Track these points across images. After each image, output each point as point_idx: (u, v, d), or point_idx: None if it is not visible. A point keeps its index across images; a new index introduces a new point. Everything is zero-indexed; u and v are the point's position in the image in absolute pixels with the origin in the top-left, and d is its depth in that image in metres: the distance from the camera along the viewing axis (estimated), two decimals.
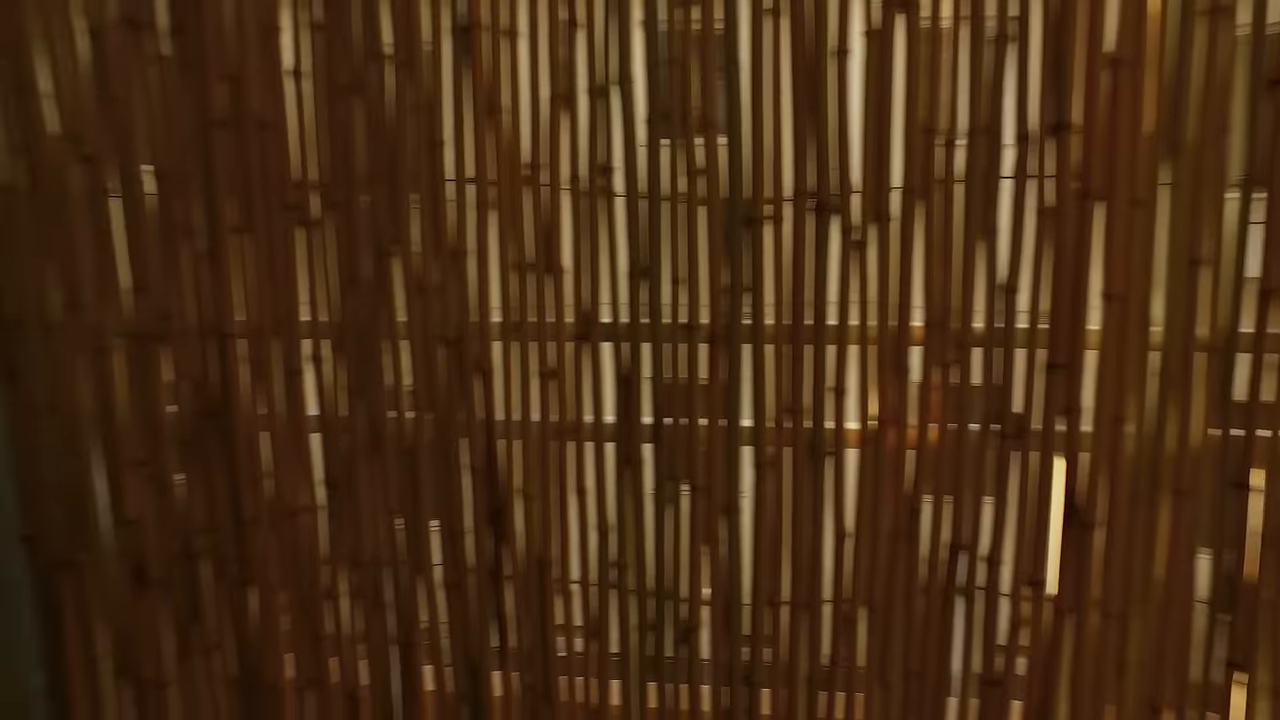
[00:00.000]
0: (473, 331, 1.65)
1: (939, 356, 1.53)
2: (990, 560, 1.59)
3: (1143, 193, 1.43)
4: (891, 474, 1.59)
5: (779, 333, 1.57)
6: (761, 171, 1.53)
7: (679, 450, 1.65)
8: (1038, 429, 1.53)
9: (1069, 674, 1.59)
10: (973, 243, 1.49)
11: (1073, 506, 1.55)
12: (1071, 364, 1.49)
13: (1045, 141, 1.45)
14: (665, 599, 1.70)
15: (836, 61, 1.48)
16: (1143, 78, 1.40)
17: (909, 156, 1.48)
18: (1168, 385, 1.48)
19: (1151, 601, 1.56)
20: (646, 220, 1.58)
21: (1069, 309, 1.48)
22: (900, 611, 1.63)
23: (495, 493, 1.71)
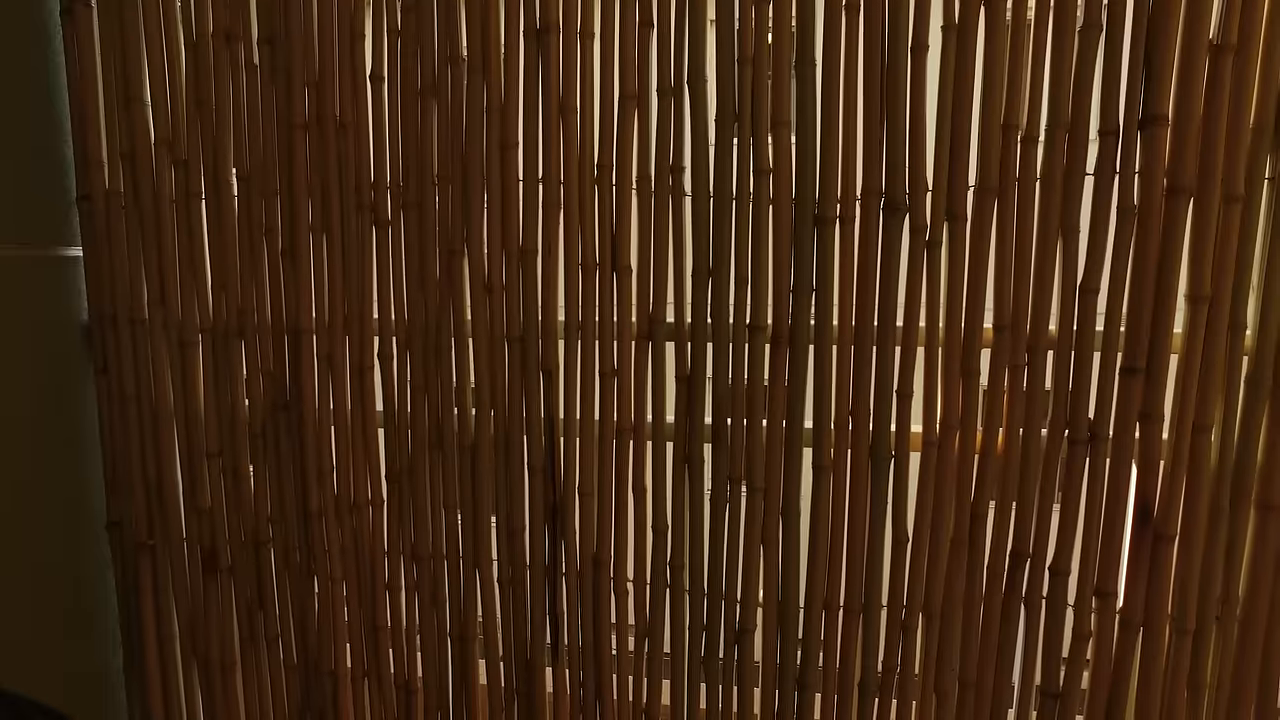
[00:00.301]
0: (538, 330, 1.28)
1: (1009, 360, 1.15)
2: (1055, 570, 1.18)
3: (1240, 189, 1.05)
4: (955, 479, 1.19)
5: (844, 334, 1.19)
6: (833, 171, 1.16)
7: (739, 452, 1.26)
8: (1113, 435, 1.14)
9: (1136, 692, 1.18)
10: (1050, 242, 1.11)
11: (1146, 517, 1.15)
12: (1151, 368, 1.10)
13: (1133, 136, 1.07)
14: (719, 600, 1.31)
15: (913, 58, 1.11)
16: (1247, 66, 1.03)
17: (985, 153, 1.11)
18: (1259, 392, 1.09)
19: (1231, 619, 1.15)
20: (713, 220, 1.21)
21: (1150, 311, 1.09)
22: (959, 620, 1.22)
23: (554, 491, 1.32)
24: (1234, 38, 1.04)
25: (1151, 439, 1.13)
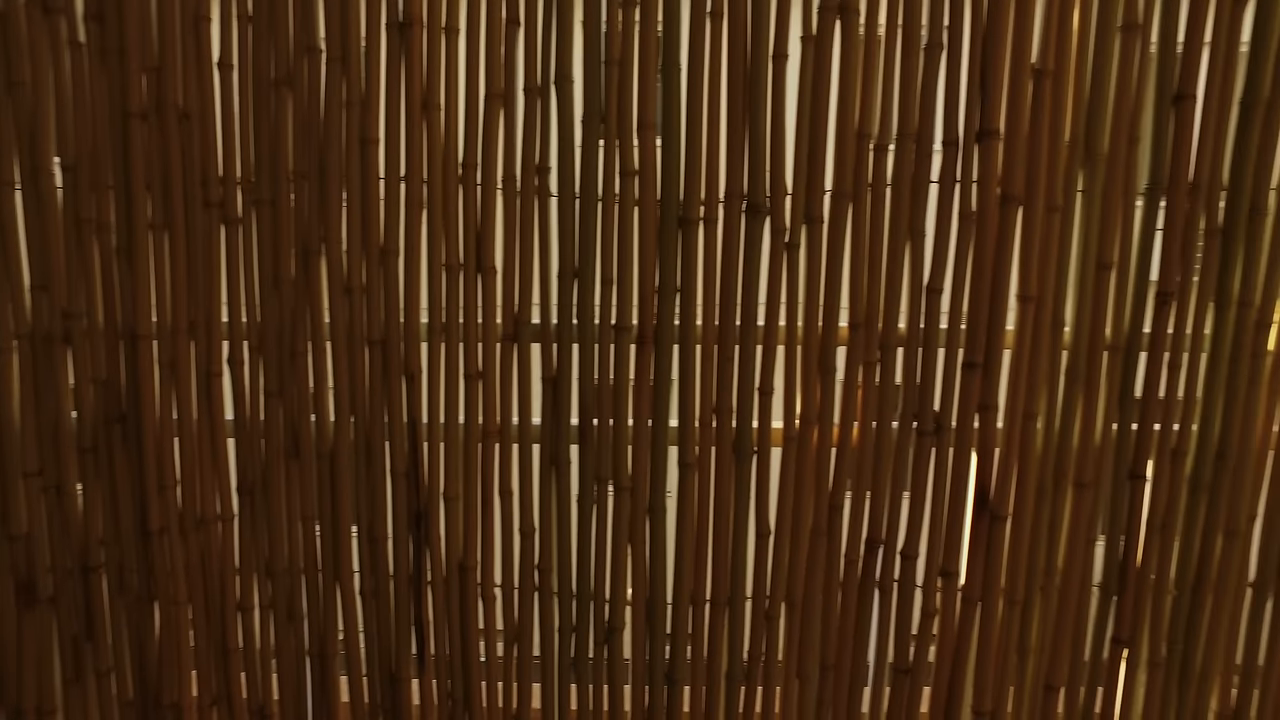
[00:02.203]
0: (400, 333, 1.14)
1: (863, 356, 1.12)
2: (905, 554, 1.16)
3: (1059, 199, 1.07)
4: (814, 472, 1.15)
5: (708, 333, 1.13)
6: (697, 173, 1.09)
7: (605, 451, 1.17)
8: (954, 426, 1.13)
9: (975, 659, 1.18)
10: (899, 245, 1.09)
11: (984, 500, 1.14)
12: (988, 363, 1.10)
13: (971, 148, 1.06)
14: (588, 601, 1.21)
15: (774, 66, 1.07)
16: (1063, 89, 1.04)
17: (841, 160, 1.08)
18: (1075, 383, 1.11)
19: (1052, 588, 1.16)
20: (579, 221, 1.12)
21: (988, 310, 1.09)
22: (819, 606, 1.18)
23: (418, 497, 1.19)
24: (1051, 63, 1.05)
25: (989, 428, 1.12)
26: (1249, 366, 1.11)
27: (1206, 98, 1.08)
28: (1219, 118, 1.07)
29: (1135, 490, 1.14)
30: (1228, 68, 1.07)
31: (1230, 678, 1.21)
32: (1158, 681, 1.20)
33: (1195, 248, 1.09)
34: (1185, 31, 1.06)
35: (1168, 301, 1.09)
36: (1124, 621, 1.18)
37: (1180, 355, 1.10)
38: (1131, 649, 1.19)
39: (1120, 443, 1.13)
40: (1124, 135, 1.06)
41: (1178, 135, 1.07)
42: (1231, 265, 1.09)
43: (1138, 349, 1.10)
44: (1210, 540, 1.15)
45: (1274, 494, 1.16)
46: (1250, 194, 1.08)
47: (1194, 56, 1.07)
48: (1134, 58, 1.06)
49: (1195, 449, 1.13)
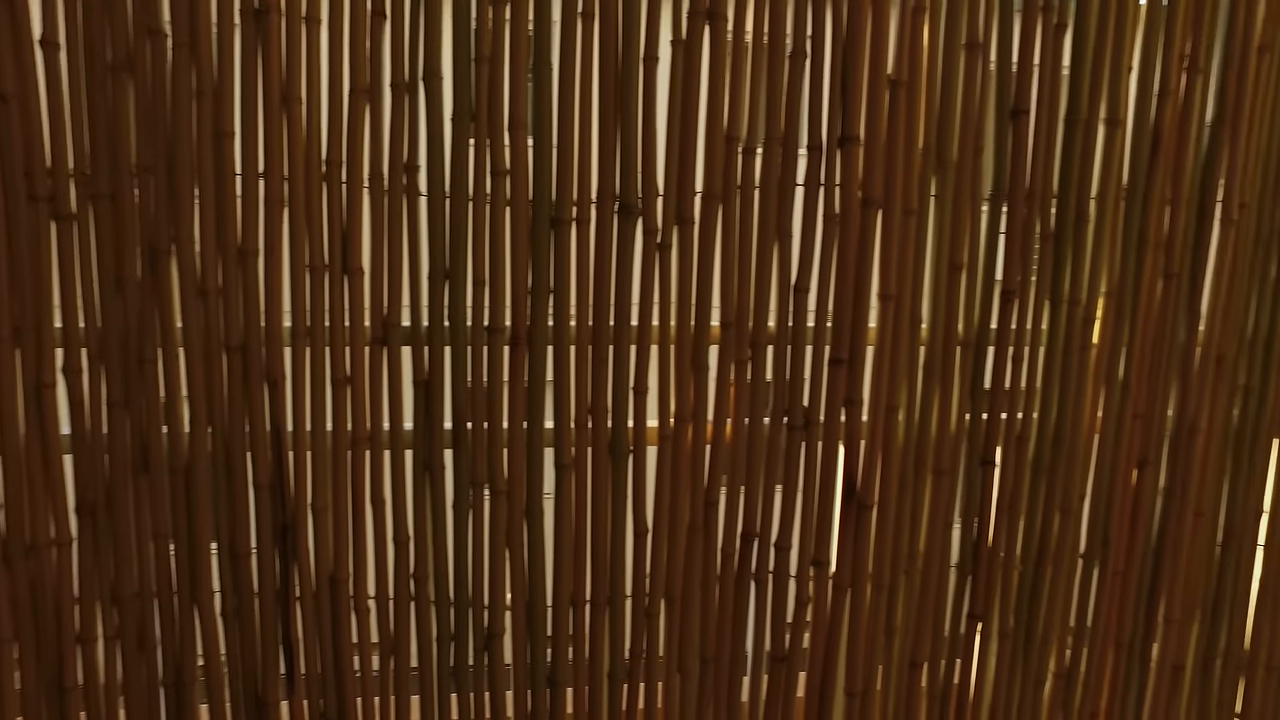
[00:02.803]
0: (261, 337, 1.06)
1: (734, 354, 1.13)
2: (779, 546, 1.18)
3: (914, 203, 1.11)
4: (689, 469, 1.15)
5: (581, 334, 1.11)
6: (569, 173, 1.07)
7: (480, 455, 1.13)
8: (822, 420, 1.15)
9: (846, 643, 1.21)
10: (768, 245, 1.10)
11: (851, 490, 1.17)
12: (853, 359, 1.13)
13: (833, 153, 1.09)
14: (466, 608, 1.16)
15: (644, 68, 1.06)
16: (916, 99, 1.09)
17: (710, 162, 1.08)
18: (932, 377, 1.15)
19: (915, 571, 1.20)
20: (450, 220, 1.08)
21: (851, 308, 1.12)
22: (698, 601, 1.18)
23: (284, 509, 1.11)
24: (905, 75, 1.09)
25: (855, 421, 1.15)
26: (1078, 359, 1.19)
27: (1037, 113, 1.15)
28: (1048, 132, 1.15)
29: (985, 475, 1.20)
30: (1053, 87, 1.14)
31: (1065, 640, 1.29)
32: (1006, 650, 1.26)
33: (1033, 250, 1.15)
34: (1018, 52, 1.13)
35: (1011, 300, 1.16)
36: (978, 597, 1.24)
37: (1022, 349, 1.17)
38: (985, 622, 1.25)
39: (972, 431, 1.19)
40: (970, 145, 1.11)
41: (1015, 147, 1.13)
42: (1062, 266, 1.17)
43: (986, 344, 1.16)
44: (1049, 518, 1.23)
45: (1099, 474, 1.24)
46: (1075, 202, 1.16)
47: (1026, 75, 1.14)
48: (976, 74, 1.11)
49: (1036, 435, 1.20)
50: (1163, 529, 1.29)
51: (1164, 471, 1.27)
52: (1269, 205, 1.23)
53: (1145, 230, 1.19)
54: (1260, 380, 1.27)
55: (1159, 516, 1.28)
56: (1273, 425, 1.29)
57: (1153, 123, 1.18)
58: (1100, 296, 1.19)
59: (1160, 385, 1.24)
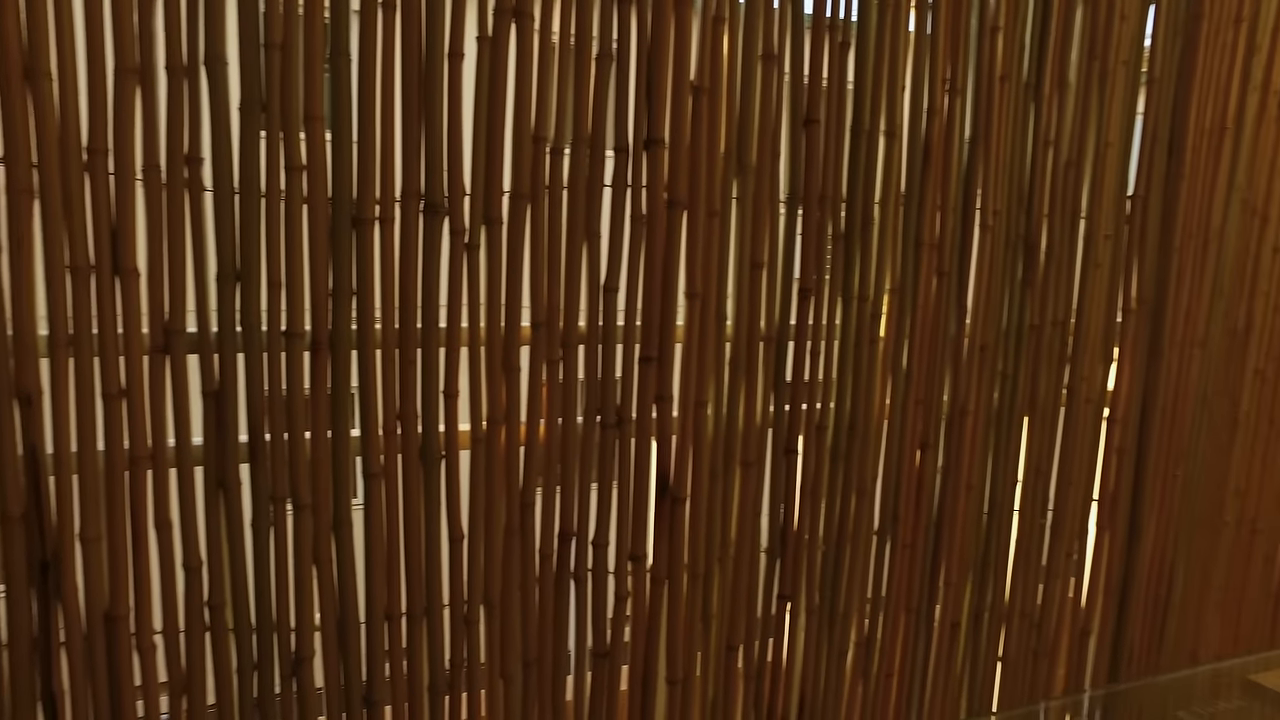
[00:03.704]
0: (8, 347, 0.92)
1: (546, 354, 1.10)
2: (597, 543, 1.17)
3: (717, 205, 1.13)
4: (504, 472, 1.11)
5: (388, 337, 1.04)
6: (371, 171, 1.00)
7: (281, 468, 1.03)
8: (635, 417, 1.15)
9: (666, 633, 1.22)
10: (577, 245, 1.09)
11: (665, 485, 1.18)
12: (662, 356, 1.14)
13: (640, 155, 1.09)
14: (271, 633, 1.06)
15: (450, 64, 1.01)
16: (718, 105, 1.11)
17: (518, 161, 1.05)
18: (738, 372, 1.18)
19: (728, 559, 1.23)
20: (240, 218, 0.98)
21: (660, 307, 1.13)
22: (517, 604, 1.15)
23: (43, 542, 0.96)
24: (707, 82, 1.12)
25: (666, 417, 1.16)
26: (868, 351, 1.27)
27: (827, 123, 1.21)
28: (836, 140, 1.21)
29: (789, 464, 1.25)
30: (840, 100, 1.21)
31: (864, 611, 1.38)
32: (813, 626, 1.33)
33: (826, 250, 1.21)
34: (809, 66, 1.19)
35: (808, 297, 1.21)
36: (786, 579, 1.29)
37: (819, 343, 1.23)
38: (793, 601, 1.30)
39: (776, 423, 1.23)
40: (768, 150, 1.15)
41: (808, 153, 1.18)
42: (852, 265, 1.24)
43: (786, 339, 1.21)
44: (847, 500, 1.30)
45: (889, 457, 1.33)
46: (861, 206, 1.23)
47: (816, 87, 1.19)
48: (773, 83, 1.16)
49: (834, 424, 1.27)
50: (941, 503, 1.40)
51: (941, 451, 1.38)
52: (1016, 213, 1.37)
53: (920, 233, 1.28)
54: (1014, 367, 1.41)
55: (938, 492, 1.39)
56: (1024, 406, 1.44)
57: (923, 136, 1.28)
58: (885, 293, 1.28)
59: (936, 373, 1.34)
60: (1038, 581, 1.53)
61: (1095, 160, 1.44)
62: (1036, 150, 1.38)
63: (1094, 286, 1.47)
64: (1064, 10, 1.37)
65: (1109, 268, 1.49)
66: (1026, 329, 1.41)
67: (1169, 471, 1.63)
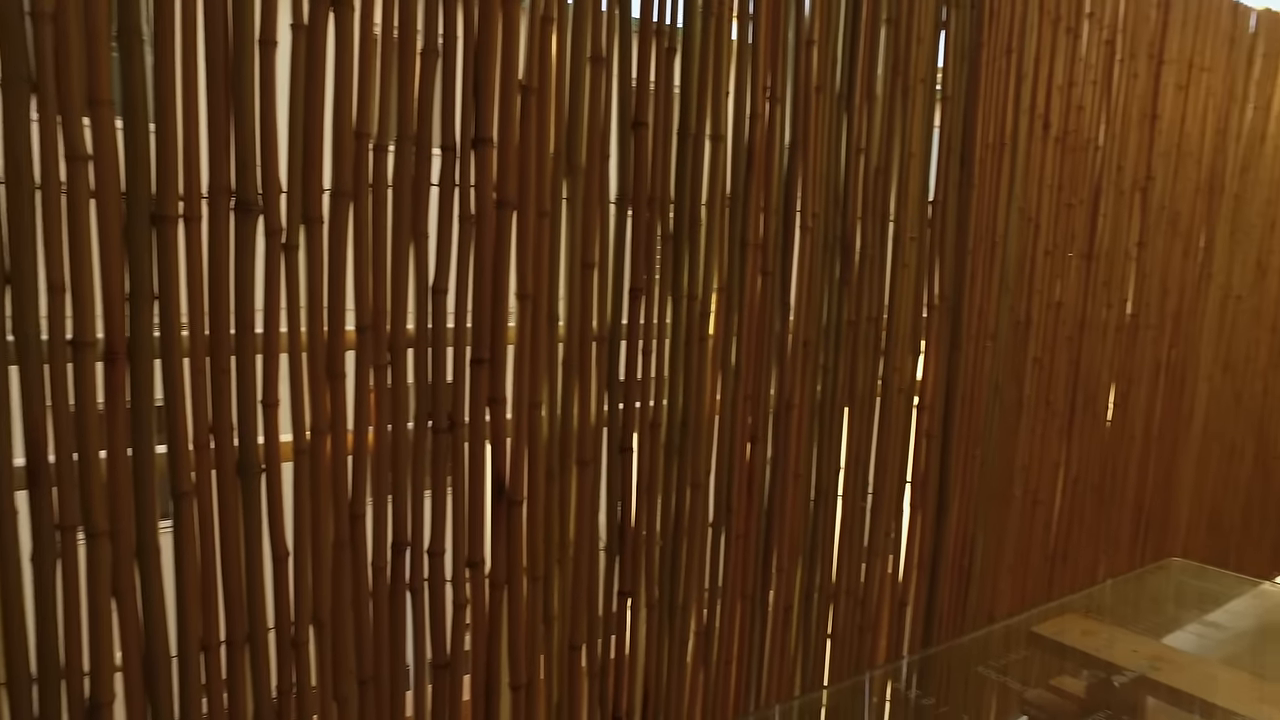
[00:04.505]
0: None
1: (373, 359, 1.05)
2: (433, 551, 1.13)
3: (548, 205, 1.12)
4: (331, 483, 1.06)
5: (196, 345, 0.96)
6: (173, 163, 0.92)
7: (71, 493, 0.93)
8: (468, 421, 1.13)
9: (507, 638, 1.20)
10: (403, 246, 1.05)
11: (501, 488, 1.16)
12: (494, 358, 1.12)
13: (467, 154, 1.07)
14: (58, 680, 0.95)
15: (261, 51, 0.94)
16: (547, 106, 1.10)
17: (339, 158, 1.00)
18: (571, 372, 1.18)
19: (567, 559, 1.23)
20: (9, 212, 0.87)
21: (491, 308, 1.11)
22: (350, 621, 1.09)
23: None
24: (536, 82, 1.11)
25: (499, 420, 1.14)
26: (698, 349, 1.30)
27: (655, 126, 1.23)
28: (664, 143, 1.24)
29: (625, 461, 1.26)
30: (667, 103, 1.23)
31: (702, 601, 1.41)
32: (654, 619, 1.35)
33: (655, 250, 1.24)
34: (637, 69, 1.20)
35: (638, 296, 1.23)
36: (626, 575, 1.30)
37: (650, 342, 1.25)
38: (634, 597, 1.32)
39: (611, 421, 1.24)
40: (598, 151, 1.15)
41: (637, 155, 1.20)
42: (681, 265, 1.27)
43: (619, 338, 1.22)
44: (682, 495, 1.33)
45: (721, 450, 1.37)
46: (689, 207, 1.26)
47: (644, 91, 1.21)
48: (601, 86, 1.16)
49: (667, 420, 1.29)
50: (772, 493, 1.46)
51: (770, 443, 1.44)
52: (832, 216, 1.46)
53: (745, 234, 1.34)
54: (834, 360, 1.50)
55: (768, 482, 1.46)
56: (844, 397, 1.53)
57: (747, 141, 1.33)
58: (713, 292, 1.32)
59: (763, 369, 1.40)
60: (861, 561, 1.64)
61: (901, 168, 1.55)
62: (849, 157, 1.47)
63: (903, 284, 1.59)
64: (870, 29, 1.47)
65: (915, 267, 1.61)
66: (844, 325, 1.50)
67: (969, 452, 1.79)
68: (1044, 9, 1.76)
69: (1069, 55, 1.83)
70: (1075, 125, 1.88)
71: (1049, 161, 1.83)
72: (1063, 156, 1.86)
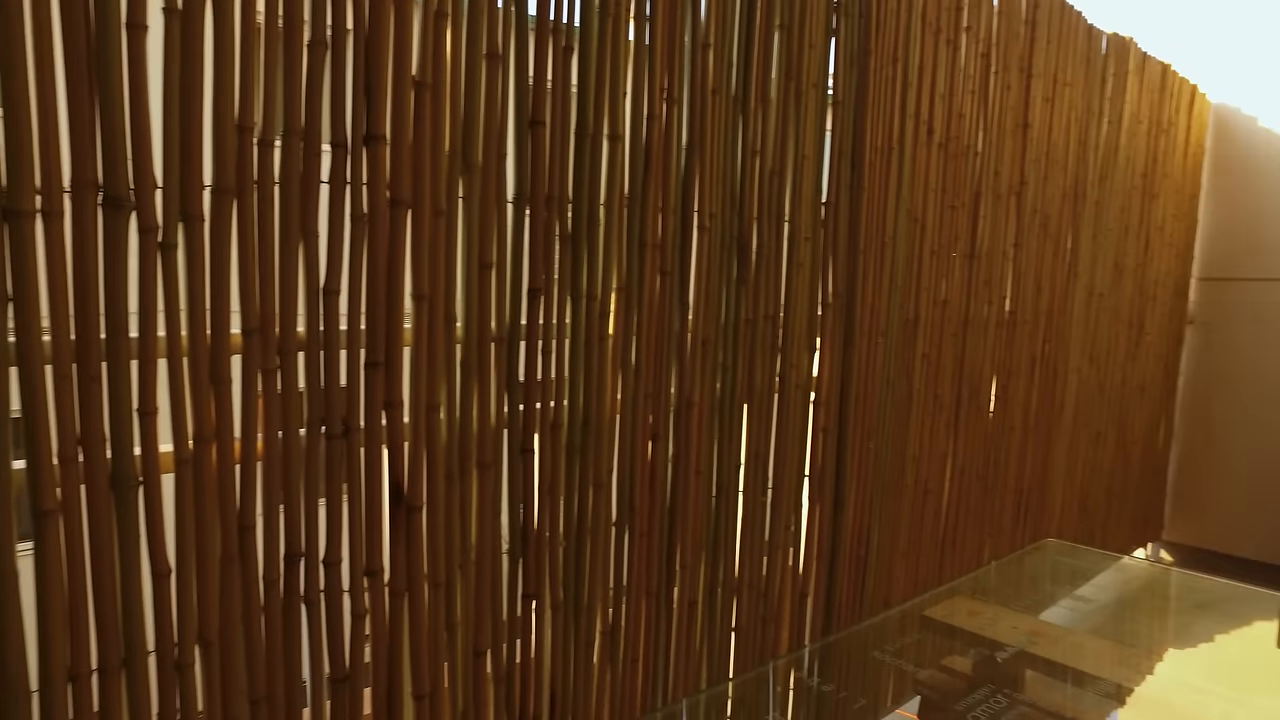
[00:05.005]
0: None
1: (261, 363, 1.01)
2: (328, 561, 1.09)
3: (443, 204, 1.10)
4: (216, 494, 1.00)
5: (61, 351, 0.90)
6: (28, 154, 0.86)
7: None
8: (363, 426, 1.09)
9: (410, 647, 1.17)
10: (292, 245, 1.01)
11: (399, 494, 1.13)
12: (390, 361, 1.09)
13: (359, 150, 1.03)
14: None
15: (129, 35, 0.89)
16: (442, 102, 1.08)
17: (220, 153, 0.95)
18: (470, 373, 1.16)
19: (469, 564, 1.21)
20: None
21: (385, 310, 1.08)
22: (240, 638, 1.04)
23: None
24: (430, 78, 1.08)
25: (396, 424, 1.11)
26: (598, 349, 1.31)
27: (552, 125, 1.23)
28: (562, 142, 1.23)
29: (526, 463, 1.25)
30: (564, 102, 1.23)
31: (607, 601, 1.42)
32: (559, 621, 1.34)
33: (554, 250, 1.23)
34: (534, 68, 1.19)
35: (537, 297, 1.22)
36: (530, 577, 1.29)
37: (550, 342, 1.24)
38: (538, 599, 1.31)
39: (511, 423, 1.23)
40: (494, 150, 1.14)
41: (534, 154, 1.19)
42: (580, 265, 1.27)
43: (518, 339, 1.21)
44: (585, 495, 1.33)
45: (623, 449, 1.38)
46: (587, 207, 1.26)
47: (541, 89, 1.21)
48: (497, 83, 1.15)
49: (568, 421, 1.29)
50: (674, 490, 1.48)
51: (671, 441, 1.46)
52: (729, 216, 1.48)
53: (644, 233, 1.35)
54: (733, 359, 1.53)
55: (670, 480, 1.47)
56: (744, 394, 1.56)
57: (644, 142, 1.34)
58: (612, 292, 1.32)
59: (663, 368, 1.41)
60: (762, 554, 1.67)
61: (795, 169, 1.60)
62: (745, 159, 1.50)
63: (798, 283, 1.63)
64: (764, 34, 1.51)
65: (810, 267, 1.66)
66: (743, 323, 1.53)
67: (864, 445, 1.85)
68: (926, 21, 1.84)
69: (950, 66, 1.93)
70: (956, 132, 1.98)
71: (933, 166, 1.92)
72: (945, 161, 1.96)
